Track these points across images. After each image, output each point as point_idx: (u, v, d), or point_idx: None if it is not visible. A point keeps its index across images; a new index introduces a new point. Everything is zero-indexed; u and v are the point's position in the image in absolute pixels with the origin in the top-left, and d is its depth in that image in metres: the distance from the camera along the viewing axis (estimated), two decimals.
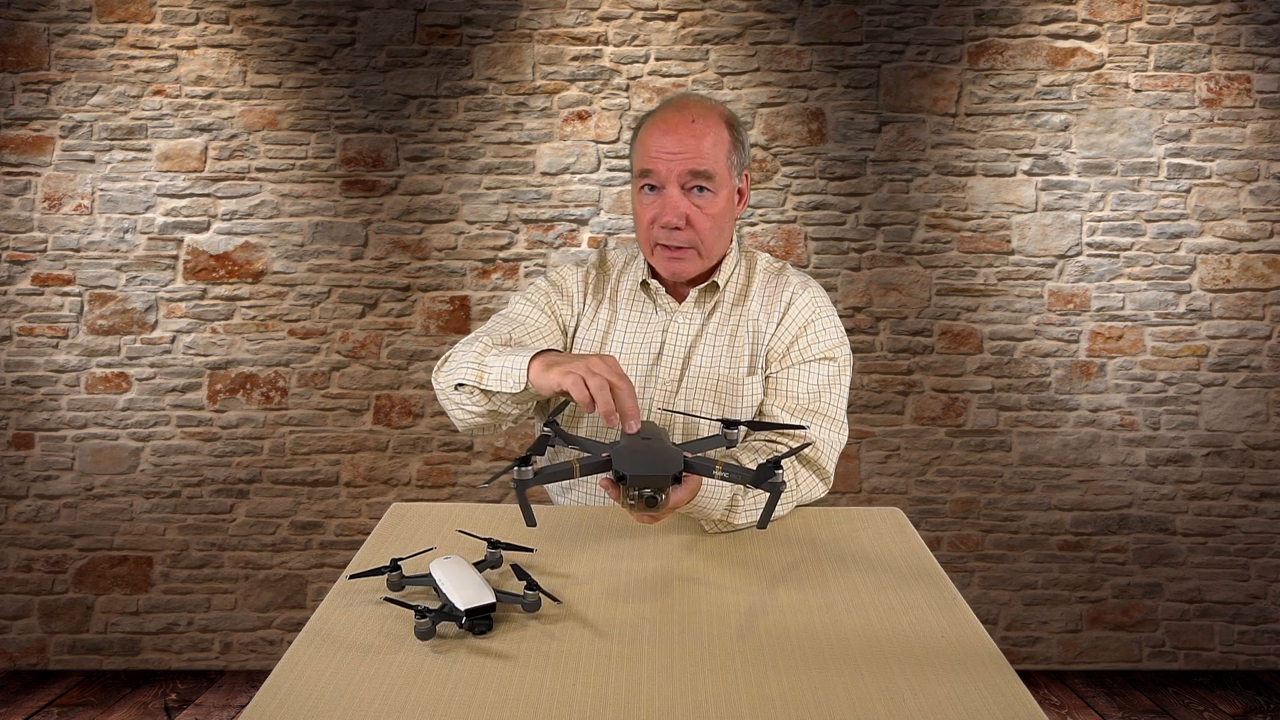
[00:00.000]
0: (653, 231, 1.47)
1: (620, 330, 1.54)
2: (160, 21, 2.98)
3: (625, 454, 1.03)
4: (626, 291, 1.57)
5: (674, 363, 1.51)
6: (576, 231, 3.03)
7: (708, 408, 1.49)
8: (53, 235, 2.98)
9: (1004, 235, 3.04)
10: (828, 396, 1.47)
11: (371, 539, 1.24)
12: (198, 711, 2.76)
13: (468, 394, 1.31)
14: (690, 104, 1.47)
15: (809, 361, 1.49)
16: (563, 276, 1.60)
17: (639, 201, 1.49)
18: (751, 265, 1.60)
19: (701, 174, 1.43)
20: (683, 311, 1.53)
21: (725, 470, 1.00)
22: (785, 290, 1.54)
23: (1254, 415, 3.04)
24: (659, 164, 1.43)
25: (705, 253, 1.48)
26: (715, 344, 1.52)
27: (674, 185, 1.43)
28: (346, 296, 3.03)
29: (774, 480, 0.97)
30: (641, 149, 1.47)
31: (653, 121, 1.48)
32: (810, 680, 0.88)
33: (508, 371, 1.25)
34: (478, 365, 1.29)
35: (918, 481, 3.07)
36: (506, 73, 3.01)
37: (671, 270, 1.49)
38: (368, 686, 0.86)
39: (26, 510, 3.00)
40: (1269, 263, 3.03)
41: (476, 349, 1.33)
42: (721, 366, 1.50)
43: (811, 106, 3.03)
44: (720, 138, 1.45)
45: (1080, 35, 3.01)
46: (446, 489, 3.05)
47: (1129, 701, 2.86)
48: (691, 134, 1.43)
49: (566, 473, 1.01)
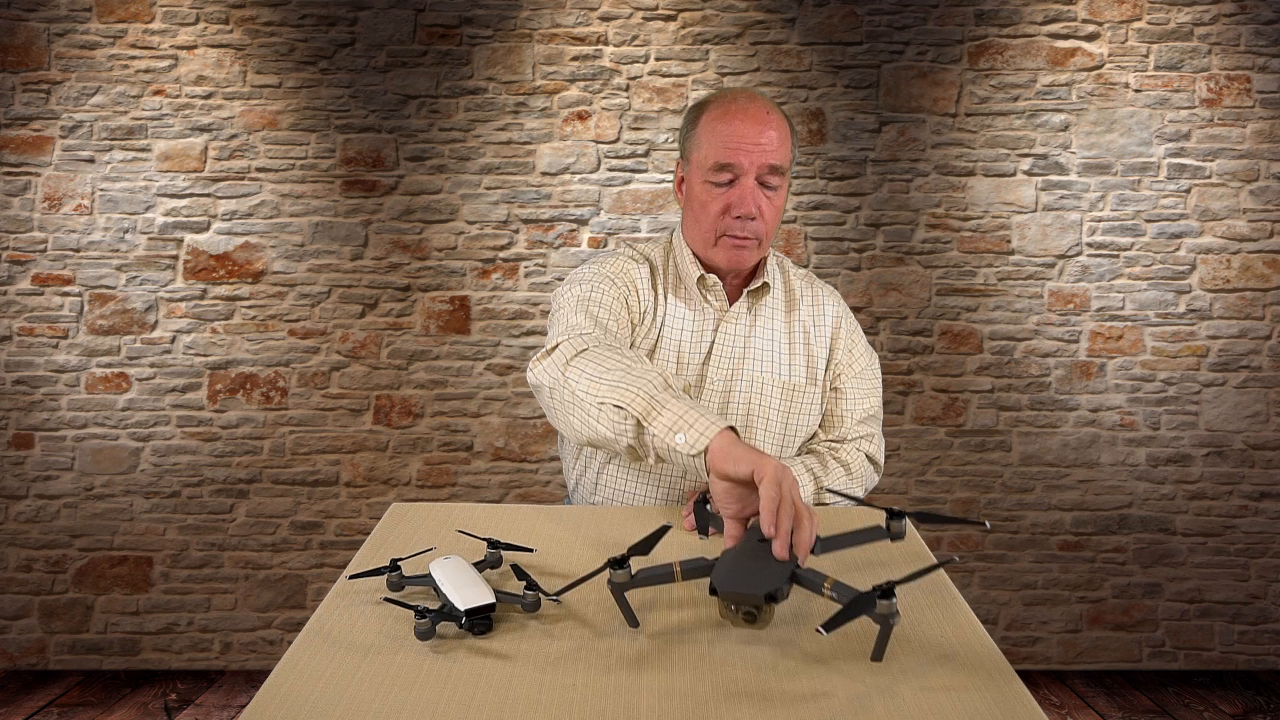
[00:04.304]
0: (724, 221, 1.45)
1: (672, 327, 1.51)
2: (160, 21, 2.98)
3: (728, 563, 0.95)
4: (676, 287, 1.54)
5: (726, 362, 1.51)
6: (576, 231, 3.03)
7: (774, 413, 1.52)
8: (53, 235, 2.98)
9: (1004, 235, 3.04)
10: (878, 400, 1.61)
11: (371, 539, 1.24)
12: (198, 711, 2.76)
13: (620, 417, 1.16)
14: (757, 97, 1.48)
15: (863, 371, 1.59)
16: (625, 271, 1.51)
17: (706, 191, 1.46)
18: (784, 268, 1.62)
19: (777, 169, 1.44)
20: (734, 311, 1.52)
21: (834, 591, 0.90)
22: (824, 302, 1.59)
23: (1254, 415, 3.04)
24: (741, 156, 1.42)
25: (765, 245, 1.49)
26: (774, 348, 1.53)
27: (751, 176, 1.43)
28: (346, 296, 3.03)
29: (884, 612, 0.85)
30: (716, 137, 1.44)
31: (726, 112, 1.45)
32: (810, 680, 0.88)
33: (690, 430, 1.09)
34: (649, 397, 1.14)
35: (918, 481, 3.07)
36: (506, 73, 3.01)
37: (735, 260, 1.48)
38: (368, 686, 0.86)
39: (26, 510, 3.00)
40: (1269, 263, 3.03)
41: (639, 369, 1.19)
42: (783, 372, 1.53)
43: (811, 106, 3.03)
44: (785, 133, 1.46)
45: (1080, 35, 3.01)
46: (446, 489, 3.05)
47: (1129, 701, 2.86)
48: (770, 125, 1.43)
49: (667, 577, 0.95)
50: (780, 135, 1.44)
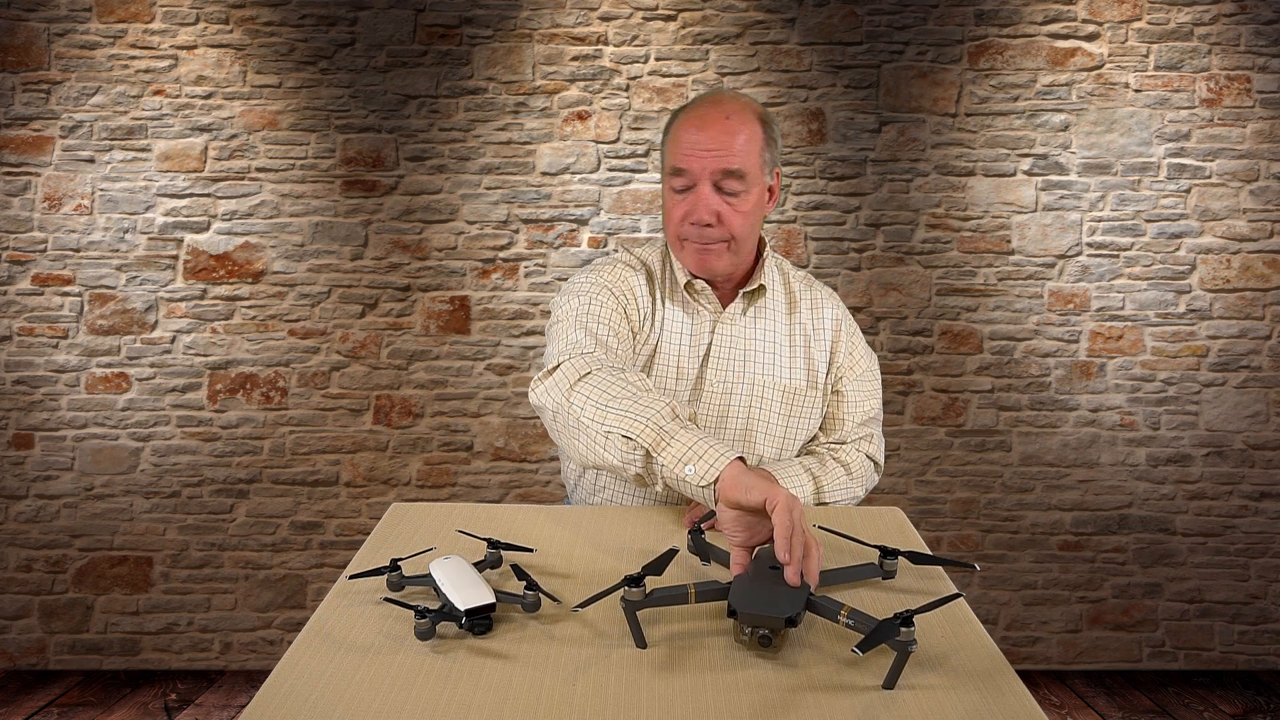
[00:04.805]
0: (682, 228, 1.45)
1: (670, 331, 1.50)
2: (160, 21, 2.97)
3: (745, 587, 0.96)
4: (673, 292, 1.53)
5: (724, 365, 1.50)
6: (576, 231, 3.03)
7: (775, 417, 1.51)
8: (53, 235, 2.98)
9: (1004, 235, 3.04)
10: (878, 401, 1.60)
11: (371, 539, 1.24)
12: (198, 711, 2.76)
13: (628, 447, 1.16)
14: (724, 100, 1.45)
15: (864, 373, 1.58)
16: (623, 279, 1.50)
17: (669, 197, 1.47)
18: (784, 270, 1.60)
19: (734, 173, 1.41)
20: (729, 314, 1.52)
21: (851, 618, 0.92)
22: (823, 305, 1.58)
23: (1254, 415, 3.04)
24: (691, 161, 1.41)
25: (737, 247, 1.46)
26: (775, 350, 1.52)
27: (706, 183, 1.41)
28: (346, 296, 3.03)
29: (903, 639, 0.86)
30: (674, 145, 1.45)
31: (686, 118, 1.45)
32: (810, 680, 0.88)
33: (699, 461, 1.09)
34: (658, 428, 1.14)
35: (918, 481, 3.07)
36: (506, 73, 3.01)
37: (702, 264, 1.47)
38: (368, 686, 0.86)
39: (26, 510, 3.00)
40: (1269, 263, 3.03)
41: (646, 398, 1.18)
42: (784, 375, 1.52)
43: (811, 106, 3.03)
44: (754, 135, 1.43)
45: (1080, 35, 3.01)
46: (446, 489, 3.05)
47: (1129, 701, 2.86)
48: (725, 130, 1.41)
49: (681, 598, 0.96)
50: (744, 138, 1.41)
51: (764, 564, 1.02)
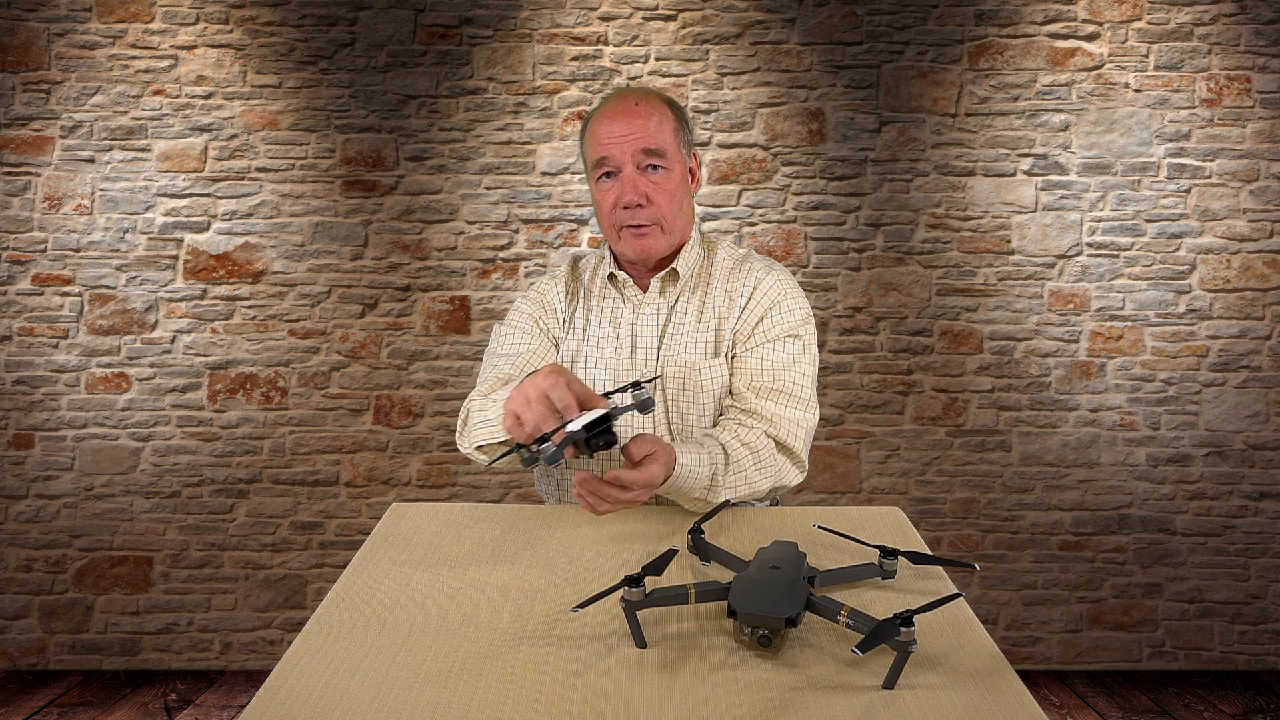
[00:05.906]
0: (616, 215, 1.51)
1: (595, 327, 1.57)
2: (160, 21, 2.98)
3: (744, 586, 0.96)
4: (598, 289, 1.60)
5: (648, 354, 1.54)
6: (576, 231, 3.03)
7: (689, 394, 1.51)
8: (53, 235, 2.98)
9: (1004, 235, 3.04)
10: (792, 375, 1.48)
11: (371, 539, 1.24)
12: (198, 711, 2.76)
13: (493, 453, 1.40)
14: (630, 91, 1.55)
15: (773, 340, 1.50)
16: (542, 291, 1.63)
17: (598, 191, 1.53)
18: (713, 253, 1.62)
19: (654, 151, 1.48)
20: (648, 302, 1.56)
21: (851, 618, 0.93)
22: (749, 276, 1.55)
23: (1254, 415, 3.04)
24: (612, 149, 1.49)
25: (668, 229, 1.51)
26: (682, 330, 1.54)
27: (630, 166, 1.48)
28: (346, 296, 3.03)
29: (903, 639, 0.87)
30: (593, 140, 1.52)
31: (599, 115, 1.53)
32: (810, 679, 0.88)
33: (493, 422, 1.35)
34: (484, 422, 1.38)
35: (918, 481, 3.07)
36: (506, 73, 3.01)
37: (639, 249, 1.51)
38: (368, 686, 0.86)
39: (26, 510, 3.00)
40: (1269, 263, 3.03)
41: (478, 404, 1.42)
42: (687, 352, 1.52)
43: (811, 106, 3.03)
44: (665, 117, 1.51)
45: (1080, 35, 3.01)
46: (446, 489, 3.05)
47: (1129, 701, 2.86)
48: (637, 115, 1.49)
49: (681, 598, 0.97)
50: (656, 121, 1.49)
51: (767, 563, 1.02)
